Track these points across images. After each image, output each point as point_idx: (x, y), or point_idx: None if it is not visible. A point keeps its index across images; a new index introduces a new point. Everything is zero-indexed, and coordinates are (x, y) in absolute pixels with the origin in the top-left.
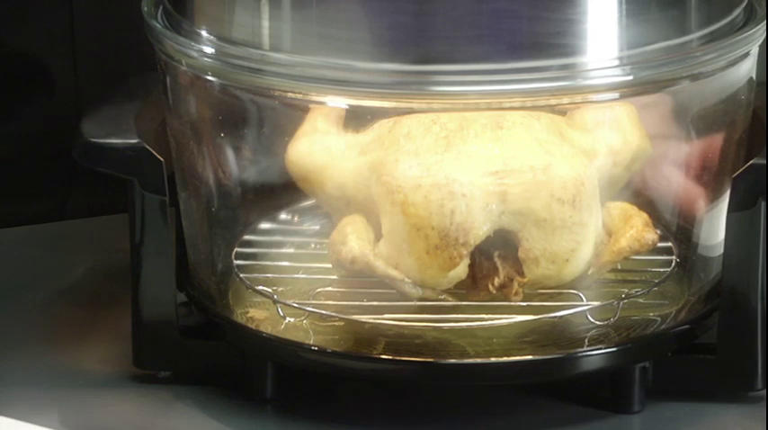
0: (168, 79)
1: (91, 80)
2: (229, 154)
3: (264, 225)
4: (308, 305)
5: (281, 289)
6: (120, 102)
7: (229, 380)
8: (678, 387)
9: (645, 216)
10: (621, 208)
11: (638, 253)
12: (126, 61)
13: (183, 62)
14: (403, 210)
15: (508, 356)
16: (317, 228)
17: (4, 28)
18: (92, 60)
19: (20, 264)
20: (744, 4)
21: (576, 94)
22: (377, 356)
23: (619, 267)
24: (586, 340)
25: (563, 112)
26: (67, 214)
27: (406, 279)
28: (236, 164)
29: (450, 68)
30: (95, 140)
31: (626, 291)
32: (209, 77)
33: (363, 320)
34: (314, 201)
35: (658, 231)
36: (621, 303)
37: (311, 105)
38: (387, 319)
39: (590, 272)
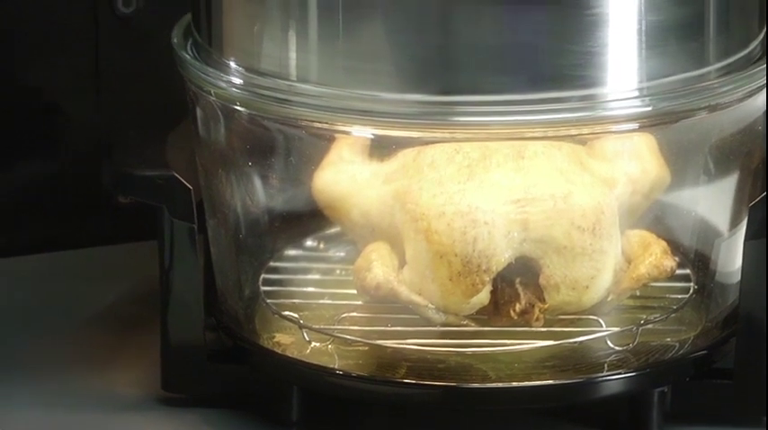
0: (197, 109)
1: (115, 114)
2: (257, 182)
3: (291, 251)
4: (333, 330)
5: (306, 314)
6: (150, 132)
7: (256, 404)
8: (696, 411)
9: (663, 244)
10: (640, 235)
11: (656, 280)
12: (148, 97)
13: (212, 92)
14: (426, 237)
15: (529, 381)
16: (343, 254)
17: (30, 65)
18: (115, 95)
19: (51, 290)
20: (760, 38)
21: (597, 125)
22: (400, 380)
23: (638, 294)
24: (606, 365)
25: (583, 142)
26: (95, 241)
27: (430, 305)
28: (264, 192)
29: (472, 99)
30: (127, 170)
31: (645, 317)
32: (238, 107)
33: (387, 345)
34: (339, 228)
35: (677, 258)
36: (640, 329)
37: (337, 135)
38: (410, 344)
39: (609, 298)
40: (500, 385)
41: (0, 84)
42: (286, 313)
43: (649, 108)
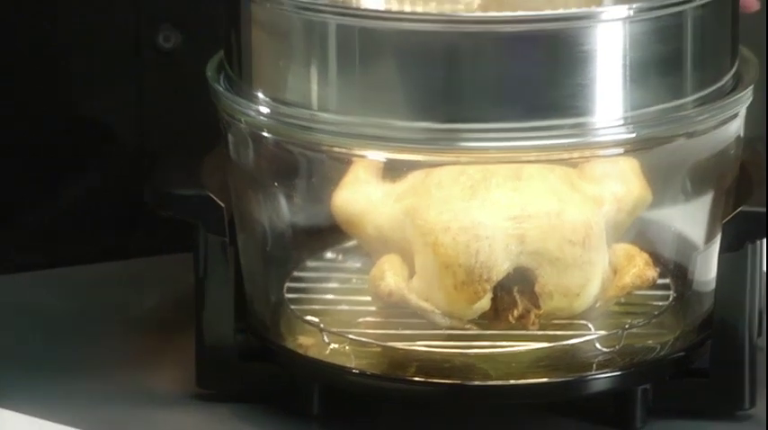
0: (229, 135)
1: (156, 138)
2: (282, 200)
3: (312, 263)
4: (350, 333)
5: (326, 318)
6: (188, 155)
7: (280, 399)
8: (675, 406)
9: (646, 256)
10: (625, 249)
11: (639, 288)
12: (186, 123)
13: (243, 121)
14: (434, 250)
15: (526, 379)
16: (359, 265)
17: (82, 93)
18: (157, 121)
19: (96, 297)
20: (732, 72)
21: (586, 150)
22: (410, 378)
23: (623, 301)
24: (594, 365)
25: (574, 165)
26: (134, 253)
27: (436, 310)
28: (288, 209)
29: (475, 127)
30: (165, 189)
31: (629, 321)
32: (265, 134)
33: (398, 346)
34: (356, 241)
35: (658, 269)
36: (625, 332)
37: (354, 158)
38: (419, 346)
39: (598, 304)
40: (499, 383)
41: (54, 110)
42: (308, 318)
43: (633, 135)
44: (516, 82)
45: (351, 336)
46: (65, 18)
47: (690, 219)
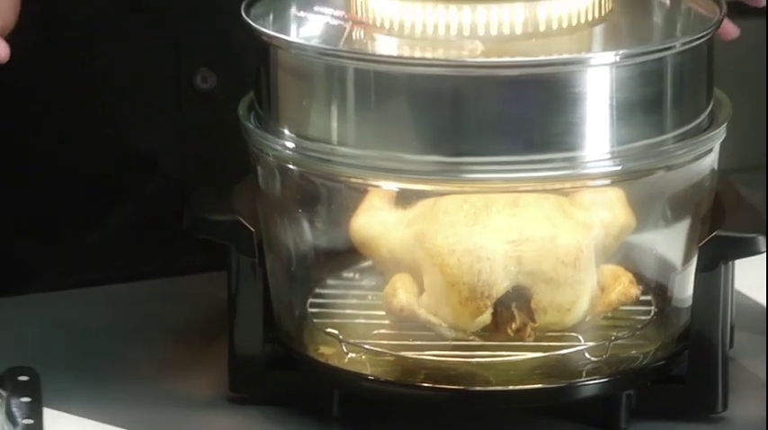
0: (258, 167)
1: (194, 168)
2: (305, 225)
3: (332, 281)
4: (366, 343)
5: (344, 330)
6: (222, 184)
7: (304, 403)
8: (656, 410)
9: (630, 275)
10: (612, 269)
11: (624, 304)
12: (220, 155)
13: (270, 154)
14: (441, 270)
15: (523, 385)
16: (374, 283)
17: (131, 129)
18: (194, 153)
19: (138, 312)
20: (708, 111)
21: (576, 181)
22: (419, 384)
23: (609, 315)
24: (584, 372)
25: (566, 194)
26: (174, 272)
27: (443, 323)
28: (311, 233)
29: (477, 160)
30: (201, 214)
31: (615, 334)
32: (290, 166)
33: (409, 356)
34: (371, 262)
35: (640, 287)
36: (611, 343)
37: (369, 188)
38: (427, 355)
39: (587, 319)
40: (499, 388)
41: (105, 143)
42: (328, 330)
43: (619, 167)
44: (514, 120)
45: (367, 347)
46: (115, 63)
47: (669, 243)
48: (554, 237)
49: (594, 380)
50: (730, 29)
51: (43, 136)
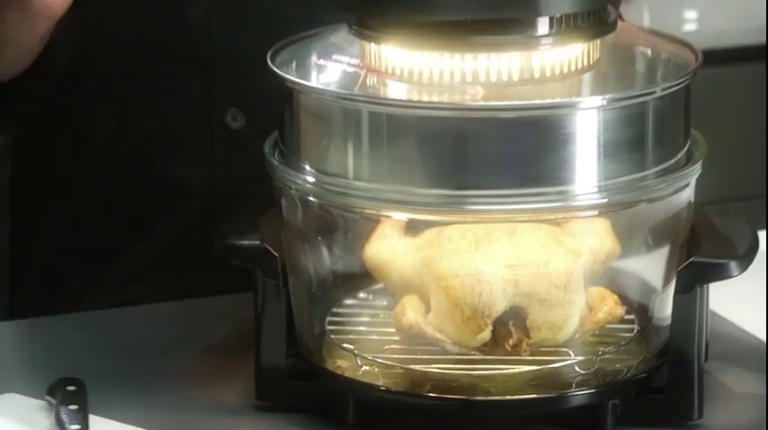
0: (282, 199)
1: (224, 199)
2: (324, 251)
3: (348, 301)
4: (379, 357)
5: (359, 346)
6: (249, 213)
7: (322, 410)
8: (639, 418)
9: (615, 297)
10: (599, 291)
11: (610, 323)
12: (248, 187)
13: (293, 187)
14: (445, 292)
15: (519, 395)
16: (385, 303)
17: (163, 160)
18: (225, 186)
19: (173, 328)
20: (685, 149)
21: (567, 212)
22: (426, 394)
23: (597, 332)
24: (573, 384)
25: (558, 224)
26: (206, 293)
27: (447, 340)
28: (329, 258)
29: (479, 193)
30: (230, 241)
31: (602, 349)
32: (311, 198)
33: (417, 368)
34: (383, 284)
35: (625, 307)
36: (598, 358)
37: (381, 218)
38: (433, 368)
39: (577, 336)
40: (498, 398)
41: (143, 174)
42: (345, 345)
43: (605, 200)
44: (512, 157)
45: (379, 360)
46: (153, 102)
47: (650, 268)
48: (547, 263)
49: (583, 390)
50: None
51: (88, 169)
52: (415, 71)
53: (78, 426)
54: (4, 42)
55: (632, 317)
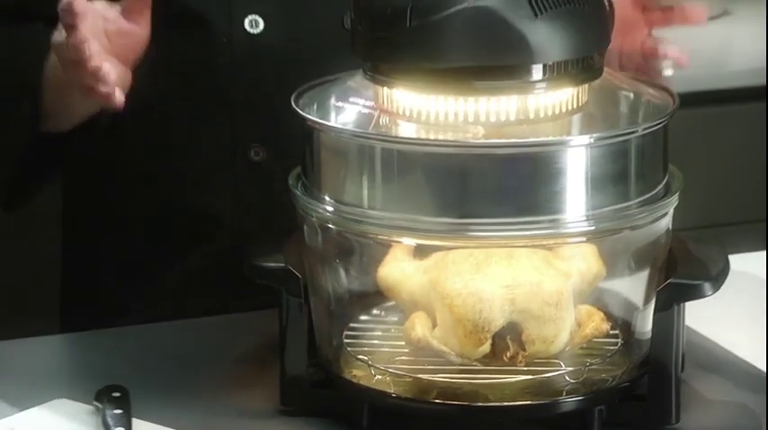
0: (304, 226)
1: (251, 226)
2: (342, 273)
3: (363, 317)
4: (390, 367)
5: (373, 357)
6: (273, 239)
7: (340, 415)
8: (622, 422)
9: (601, 314)
10: (587, 309)
11: (597, 337)
12: (272, 216)
13: (314, 216)
14: (450, 309)
15: (515, 401)
16: (396, 319)
17: (192, 191)
18: (251, 214)
19: (207, 340)
20: (664, 182)
21: (558, 238)
22: (432, 400)
23: (585, 346)
24: (564, 392)
25: (550, 248)
26: (236, 309)
27: (452, 352)
28: (346, 279)
29: (480, 221)
30: (258, 263)
31: (589, 360)
32: (330, 225)
33: (424, 377)
34: (394, 302)
35: (610, 323)
36: (587, 368)
37: (393, 243)
38: (439, 377)
39: (567, 348)
40: (496, 404)
41: (174, 203)
42: (360, 356)
43: (593, 227)
44: (509, 189)
45: (391, 370)
46: (185, 138)
47: (633, 288)
48: (540, 283)
49: (573, 397)
50: (697, 14)
51: (130, 199)
52: (423, 112)
53: (122, 429)
54: (68, 109)
55: (616, 332)
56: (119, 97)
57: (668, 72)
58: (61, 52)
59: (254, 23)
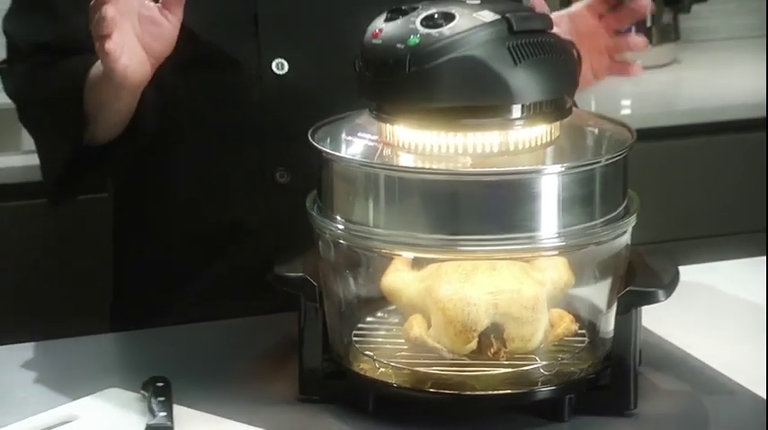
0: (320, 242)
1: (275, 239)
2: (351, 281)
3: (369, 319)
4: (392, 361)
5: (377, 352)
6: (295, 252)
7: (349, 402)
8: (589, 408)
9: (571, 316)
10: (558, 312)
11: (567, 336)
12: (292, 231)
13: (327, 233)
14: (443, 312)
15: (497, 390)
16: (397, 321)
17: (226, 208)
18: (278, 231)
19: (236, 338)
20: (623, 205)
21: (535, 252)
22: (427, 390)
23: (557, 343)
24: (539, 382)
25: (528, 261)
26: (263, 312)
27: (444, 348)
28: (355, 287)
29: (468, 238)
30: (280, 273)
31: (561, 356)
32: (341, 241)
33: (420, 370)
34: (395, 307)
35: (578, 324)
36: (558, 362)
37: (394, 256)
38: (433, 370)
39: (542, 345)
40: (482, 393)
41: (211, 219)
42: (366, 352)
43: (564, 243)
44: (493, 211)
45: (392, 364)
46: (219, 161)
47: (597, 294)
48: (519, 290)
49: (547, 387)
50: (638, 42)
51: (170, 213)
52: (419, 145)
53: (165, 413)
54: (100, 107)
55: (584, 331)
56: (123, 65)
57: (635, 69)
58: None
59: (280, 66)
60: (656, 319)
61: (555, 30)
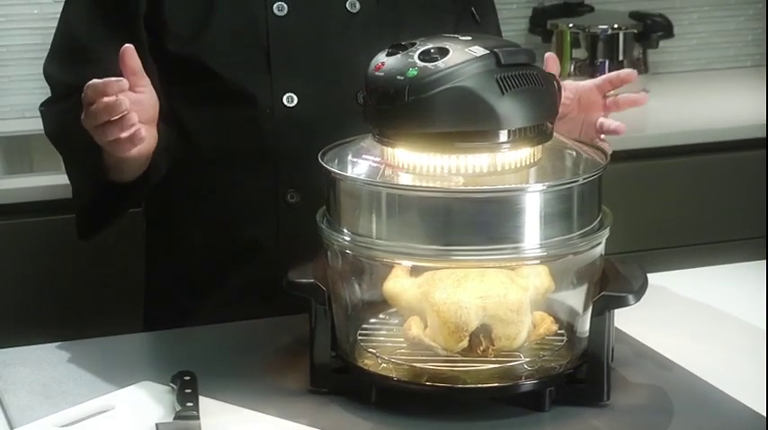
0: (328, 251)
1: (287, 247)
2: (356, 286)
3: (372, 320)
4: (393, 358)
5: (379, 350)
6: (305, 261)
7: (354, 394)
8: (567, 399)
9: (551, 318)
10: (540, 314)
11: (548, 335)
12: (304, 243)
13: (335, 244)
14: (437, 314)
15: (486, 384)
16: (397, 322)
17: (241, 227)
18: (290, 244)
19: (255, 338)
20: (598, 219)
21: (520, 261)
22: (424, 383)
23: (539, 342)
24: (523, 377)
25: (513, 269)
26: (278, 313)
27: (438, 346)
28: (359, 291)
29: (460, 248)
30: (293, 280)
31: (542, 353)
32: (347, 251)
33: (417, 365)
34: (395, 309)
35: (558, 325)
36: (540, 359)
37: (394, 264)
38: (429, 365)
39: (525, 344)
40: (472, 386)
41: (227, 233)
42: (370, 349)
43: (545, 253)
44: (482, 224)
45: (393, 360)
46: (235, 182)
47: (575, 299)
48: (506, 295)
49: (530, 381)
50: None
51: (193, 230)
52: (417, 166)
53: (191, 403)
54: (121, 163)
55: (563, 331)
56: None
57: (606, 145)
58: (90, 120)
59: (290, 99)
60: (627, 321)
61: (563, 94)
